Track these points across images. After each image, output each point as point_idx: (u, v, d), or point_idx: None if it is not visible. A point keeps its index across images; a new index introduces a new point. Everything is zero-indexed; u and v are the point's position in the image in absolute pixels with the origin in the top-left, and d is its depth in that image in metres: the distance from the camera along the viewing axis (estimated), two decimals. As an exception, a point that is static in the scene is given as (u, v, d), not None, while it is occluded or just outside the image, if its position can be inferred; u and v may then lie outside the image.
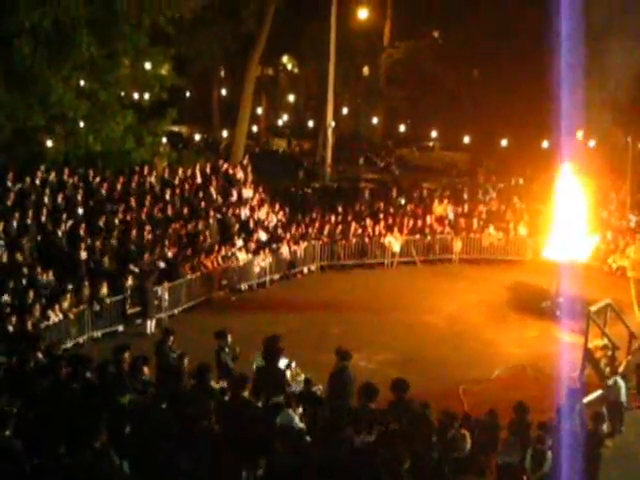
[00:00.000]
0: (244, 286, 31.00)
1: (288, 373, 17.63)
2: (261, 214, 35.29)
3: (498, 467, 15.10)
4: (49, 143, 32.76)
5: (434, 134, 68.29)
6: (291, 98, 74.01)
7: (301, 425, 13.36)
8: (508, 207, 39.06)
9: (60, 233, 27.59)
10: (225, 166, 39.01)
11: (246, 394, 13.93)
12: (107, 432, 10.69)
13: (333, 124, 50.62)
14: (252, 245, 31.75)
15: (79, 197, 30.29)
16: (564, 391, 16.68)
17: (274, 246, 32.41)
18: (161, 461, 10.86)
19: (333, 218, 36.04)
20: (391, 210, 38.02)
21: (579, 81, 31.53)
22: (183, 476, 10.75)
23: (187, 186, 34.89)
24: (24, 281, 23.89)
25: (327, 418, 13.59)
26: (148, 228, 29.68)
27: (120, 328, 25.75)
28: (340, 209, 37.47)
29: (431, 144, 69.59)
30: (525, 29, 46.25)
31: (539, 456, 14.51)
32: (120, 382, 13.96)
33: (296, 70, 70.96)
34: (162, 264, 28.06)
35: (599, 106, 37.27)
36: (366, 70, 64.80)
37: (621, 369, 20.82)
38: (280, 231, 34.12)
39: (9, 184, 29.01)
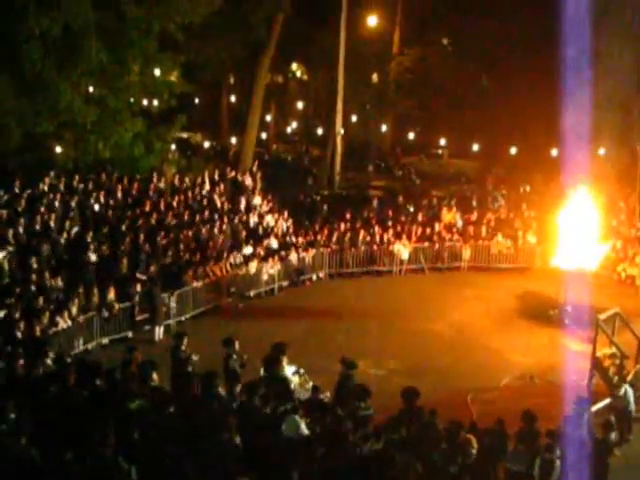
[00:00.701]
0: (252, 293, 31.00)
1: (297, 379, 17.64)
2: (270, 221, 35.30)
3: (506, 474, 15.06)
4: (58, 149, 32.83)
5: (443, 142, 68.15)
6: (300, 105, 74.07)
7: (306, 432, 13.36)
8: (517, 215, 39.03)
9: (69, 239, 27.67)
10: (234, 173, 39.08)
11: (256, 401, 13.93)
12: (115, 438, 10.70)
13: (342, 131, 50.67)
14: (261, 252, 31.77)
15: (88, 203, 30.43)
16: (572, 400, 16.64)
17: (283, 253, 32.40)
18: (169, 467, 10.86)
19: (342, 225, 36.03)
20: (402, 218, 38.01)
21: (588, 89, 31.55)
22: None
23: (196, 193, 34.96)
24: (33, 287, 23.95)
25: (331, 426, 13.58)
26: (161, 234, 29.82)
27: (129, 335, 25.79)
28: (349, 216, 37.48)
29: (440, 152, 69.46)
30: (534, 37, 46.29)
31: (547, 466, 14.46)
32: (129, 387, 13.97)
33: (305, 77, 70.99)
34: (173, 268, 28.16)
35: (608, 113, 37.26)
36: (375, 77, 64.76)
37: (630, 378, 20.75)
38: (289, 238, 34.12)
39: (17, 190, 29.14)
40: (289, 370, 17.64)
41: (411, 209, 39.87)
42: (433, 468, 12.32)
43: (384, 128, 68.57)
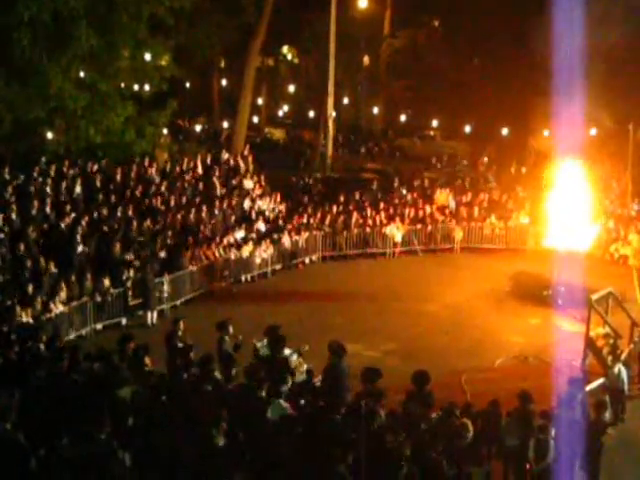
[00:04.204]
0: (245, 277, 30.99)
1: (295, 358, 17.62)
2: (262, 205, 35.27)
3: (504, 450, 15.12)
4: (49, 135, 32.74)
5: (435, 123, 68.10)
6: (291, 88, 73.85)
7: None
8: (510, 196, 39.05)
9: (62, 225, 27.62)
10: (226, 157, 39.02)
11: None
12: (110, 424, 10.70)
13: (334, 114, 50.53)
14: (254, 236, 31.75)
15: (80, 188, 30.40)
16: (566, 380, 16.68)
17: (276, 237, 32.37)
18: (163, 453, 10.86)
19: (334, 208, 36.01)
20: (396, 201, 38.01)
21: (580, 68, 31.51)
22: (185, 468, 10.75)
23: (188, 177, 34.93)
24: (26, 273, 23.93)
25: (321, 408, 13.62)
26: (150, 219, 29.80)
27: (123, 320, 25.76)
28: (342, 199, 37.47)
29: (432, 133, 69.45)
30: (524, 17, 46.19)
31: (542, 446, 14.48)
32: (118, 374, 13.94)
33: (296, 60, 70.78)
34: (163, 254, 28.07)
35: (600, 93, 37.19)
36: (366, 60, 64.67)
37: (623, 357, 20.80)
38: (281, 222, 34.08)
39: (7, 177, 29.09)
40: (285, 352, 17.64)
41: (404, 191, 39.86)
42: (423, 450, 12.32)
43: (376, 110, 68.51)
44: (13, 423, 10.94)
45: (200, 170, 36.26)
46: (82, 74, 32.56)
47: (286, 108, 79.34)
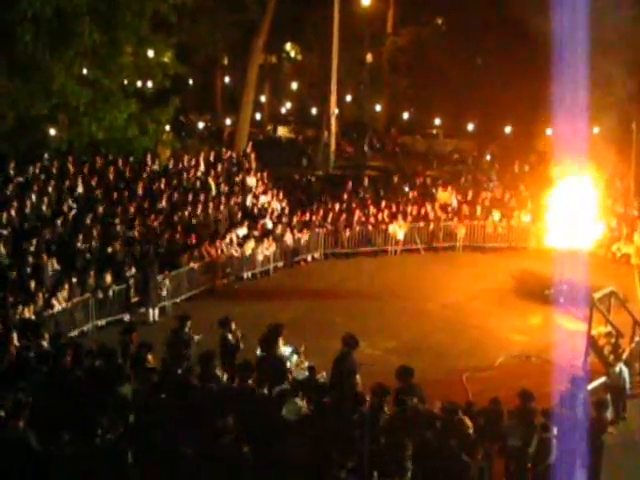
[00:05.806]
0: (247, 274, 30.96)
1: (294, 360, 17.64)
2: (265, 202, 35.24)
3: (507, 449, 15.10)
4: (52, 131, 32.77)
5: (438, 121, 68.02)
6: (294, 86, 73.78)
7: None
8: (512, 194, 38.99)
9: (65, 222, 27.62)
10: (229, 154, 39.00)
11: (250, 382, 13.91)
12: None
13: (337, 112, 50.49)
14: (256, 233, 31.73)
15: (82, 185, 30.39)
16: (568, 379, 16.66)
17: (278, 234, 32.33)
18: (165, 451, 10.84)
19: (337, 206, 35.98)
20: (398, 198, 37.97)
21: (583, 67, 31.46)
22: (187, 465, 10.75)
23: (191, 174, 34.91)
24: (29, 270, 23.93)
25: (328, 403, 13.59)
26: (152, 216, 29.79)
27: (125, 317, 25.73)
28: (344, 196, 37.43)
29: (435, 131, 69.36)
30: (527, 16, 46.14)
31: (545, 445, 14.45)
32: (119, 372, 13.93)
33: (299, 58, 70.69)
34: (164, 251, 28.11)
35: (603, 92, 37.13)
36: (369, 57, 64.52)
37: (625, 356, 20.78)
38: (284, 219, 34.04)
39: (11, 172, 29.08)
40: (286, 351, 17.64)
41: (406, 189, 39.83)
42: (426, 448, 12.28)
43: (378, 108, 68.42)
44: (27, 420, 10.95)
45: (202, 167, 36.23)
46: (85, 70, 32.58)
47: (289, 105, 79.25)
